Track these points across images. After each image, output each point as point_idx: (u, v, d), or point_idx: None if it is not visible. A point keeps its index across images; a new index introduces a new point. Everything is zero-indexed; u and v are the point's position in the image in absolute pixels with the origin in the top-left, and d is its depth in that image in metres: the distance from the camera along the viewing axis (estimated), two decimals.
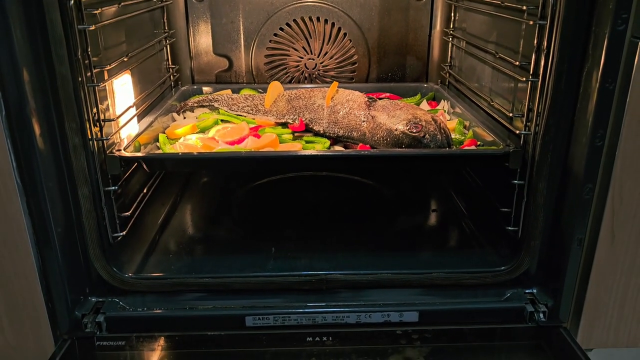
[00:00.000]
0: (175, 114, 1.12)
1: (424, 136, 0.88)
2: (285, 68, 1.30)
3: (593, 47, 0.71)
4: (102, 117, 0.80)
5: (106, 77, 0.83)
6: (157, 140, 0.96)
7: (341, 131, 0.98)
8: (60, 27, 0.69)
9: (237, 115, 1.09)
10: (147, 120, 1.00)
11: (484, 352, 0.79)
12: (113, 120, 0.85)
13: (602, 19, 0.69)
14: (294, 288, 0.85)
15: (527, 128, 0.82)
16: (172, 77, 1.23)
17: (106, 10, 0.85)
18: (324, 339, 0.78)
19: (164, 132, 1.00)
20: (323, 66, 1.30)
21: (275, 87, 1.12)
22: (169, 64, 1.24)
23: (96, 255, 0.80)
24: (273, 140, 0.92)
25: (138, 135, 0.91)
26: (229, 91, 1.23)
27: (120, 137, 0.89)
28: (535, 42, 0.78)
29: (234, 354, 0.79)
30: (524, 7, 0.82)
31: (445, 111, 1.14)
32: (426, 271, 0.86)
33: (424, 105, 1.19)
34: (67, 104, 0.72)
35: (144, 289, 0.84)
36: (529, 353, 0.80)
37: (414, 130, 0.88)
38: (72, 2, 0.71)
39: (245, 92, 1.22)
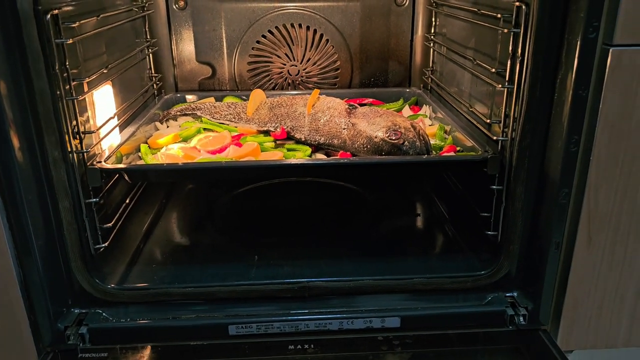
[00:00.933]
0: (158, 123, 1.12)
1: (403, 143, 0.89)
2: (269, 75, 1.31)
3: (566, 54, 0.72)
4: (82, 129, 0.80)
5: (86, 89, 0.83)
6: (139, 150, 0.96)
7: (322, 139, 0.99)
8: (37, 41, 0.69)
9: (220, 123, 1.09)
10: (129, 130, 1.00)
11: (465, 357, 0.80)
12: (93, 132, 0.85)
13: (574, 27, 0.70)
14: (277, 296, 0.85)
15: (504, 134, 0.84)
16: (155, 85, 1.23)
17: (85, 23, 0.85)
18: (306, 346, 0.78)
19: (146, 142, 1.00)
20: (306, 72, 1.30)
21: (257, 94, 1.12)
22: (151, 73, 1.24)
23: (78, 267, 0.80)
24: (254, 149, 0.92)
25: (119, 146, 0.91)
26: (212, 99, 1.24)
27: (101, 148, 0.89)
28: (510, 49, 0.80)
29: None
30: (499, 15, 0.83)
31: (427, 116, 1.15)
32: (408, 277, 0.87)
33: (406, 110, 1.20)
34: (45, 118, 0.72)
35: (127, 299, 0.85)
36: (509, 356, 0.81)
37: (393, 138, 0.89)
38: (49, 16, 0.71)
39: (229, 99, 1.22)
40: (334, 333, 0.82)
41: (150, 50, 1.22)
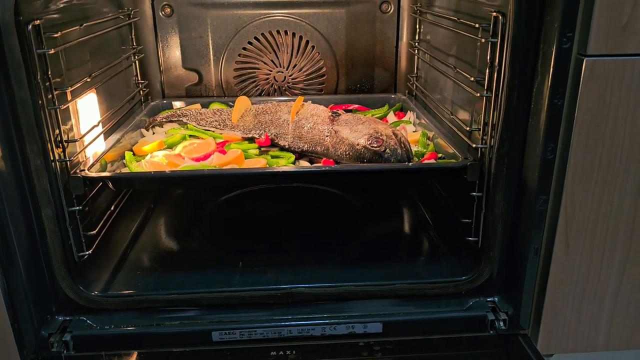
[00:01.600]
0: (144, 130, 1.13)
1: (384, 150, 0.90)
2: (255, 81, 1.32)
3: (542, 64, 0.73)
4: (65, 137, 0.81)
5: (69, 98, 0.84)
6: (123, 157, 0.97)
7: (306, 145, 1.00)
8: (18, 51, 0.70)
9: (205, 130, 1.10)
10: (114, 137, 1.00)
11: None
12: (77, 140, 0.86)
13: (549, 37, 0.71)
14: (260, 302, 0.86)
15: (483, 141, 0.85)
16: (141, 92, 1.24)
17: (68, 32, 0.85)
18: (288, 352, 0.79)
19: (131, 150, 1.00)
20: (292, 78, 1.31)
21: (242, 101, 1.13)
22: (138, 80, 1.24)
23: (62, 275, 0.81)
24: (238, 157, 0.93)
25: (104, 153, 0.92)
26: (198, 106, 1.24)
27: (85, 155, 0.90)
28: (488, 58, 0.81)
29: None
30: (477, 25, 0.84)
31: (410, 122, 1.16)
32: (389, 282, 0.87)
33: (391, 116, 1.21)
34: (27, 127, 0.72)
35: (111, 306, 0.85)
36: None
37: (375, 145, 0.90)
38: (31, 26, 0.72)
39: (215, 106, 1.23)
40: (317, 339, 0.83)
41: (136, 57, 1.23)
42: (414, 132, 1.11)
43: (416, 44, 1.26)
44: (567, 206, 0.78)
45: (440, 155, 0.96)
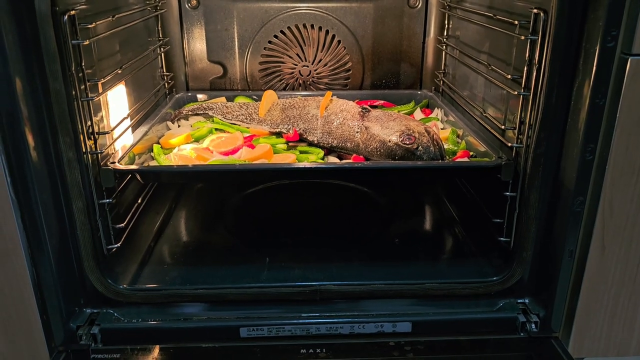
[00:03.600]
0: (169, 123, 1.12)
1: (417, 148, 0.89)
2: (280, 75, 1.31)
3: (584, 63, 0.71)
4: (96, 129, 0.80)
5: (100, 89, 0.83)
6: (151, 150, 0.96)
7: (335, 141, 0.99)
8: (54, 42, 0.69)
9: (232, 124, 1.09)
10: (141, 130, 1.00)
11: None
12: (107, 132, 0.85)
13: (592, 35, 0.69)
14: (288, 299, 0.85)
15: (519, 140, 0.83)
16: (166, 84, 1.23)
17: (100, 23, 0.85)
18: (318, 350, 0.78)
19: (158, 142, 1.00)
20: (317, 73, 1.30)
21: (269, 95, 1.12)
22: (163, 72, 1.24)
23: (90, 268, 0.81)
24: (267, 151, 0.92)
25: (132, 146, 0.91)
26: (223, 99, 1.24)
27: (114, 148, 0.89)
28: (527, 56, 0.79)
29: None
30: (516, 22, 0.82)
31: (438, 119, 1.15)
32: (419, 282, 0.86)
33: (418, 113, 1.20)
34: (60, 119, 0.72)
35: (139, 300, 0.85)
36: None
37: (407, 142, 0.89)
38: (66, 17, 0.71)
39: (240, 100, 1.22)
40: (345, 337, 0.82)
41: (162, 49, 1.22)
42: (442, 129, 1.09)
43: (444, 39, 1.24)
44: (605, 208, 0.77)
45: (471, 153, 0.95)
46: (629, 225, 0.78)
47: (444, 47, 1.24)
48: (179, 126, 1.13)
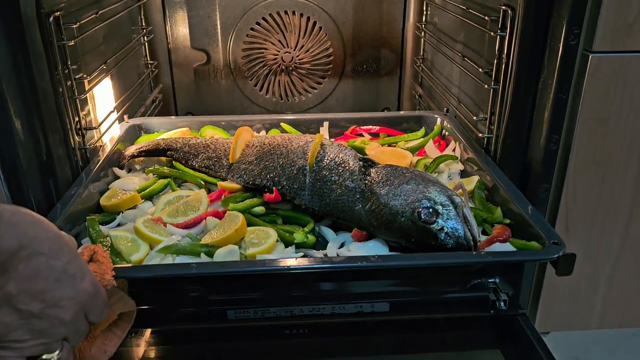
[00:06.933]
0: (116, 169, 0.91)
1: (440, 229, 0.66)
2: (263, 61, 1.33)
3: (548, 59, 0.75)
4: (83, 124, 0.83)
5: (87, 86, 0.86)
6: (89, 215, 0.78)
7: (328, 207, 0.76)
8: (40, 43, 0.72)
9: (195, 170, 0.89)
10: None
11: (449, 340, 0.86)
12: (95, 128, 0.88)
13: (556, 33, 0.73)
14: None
15: (490, 131, 0.87)
16: (150, 73, 1.25)
17: (85, 21, 0.86)
18: (301, 331, 0.83)
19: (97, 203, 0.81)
20: (299, 59, 1.33)
21: (242, 135, 0.90)
22: (147, 60, 1.26)
23: None
24: (239, 228, 0.71)
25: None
26: (187, 130, 1.02)
27: (102, 141, 0.92)
28: (496, 50, 0.83)
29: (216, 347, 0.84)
30: (487, 18, 0.86)
31: (457, 158, 0.92)
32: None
33: (430, 147, 0.97)
34: (49, 117, 0.75)
35: None
36: (491, 340, 0.87)
37: (427, 219, 0.66)
38: (52, 18, 0.73)
39: (208, 131, 1.02)
40: (326, 317, 0.87)
41: (145, 38, 1.23)
42: (461, 171, 0.91)
43: (422, 26, 1.26)
44: (569, 195, 0.82)
45: (507, 221, 0.75)
46: (591, 210, 0.83)
47: (422, 34, 1.27)
48: (129, 170, 0.93)
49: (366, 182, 0.74)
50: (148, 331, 0.86)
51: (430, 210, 0.66)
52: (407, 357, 0.86)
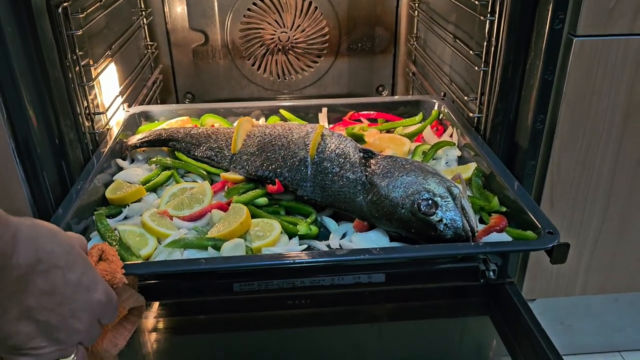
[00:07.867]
0: (120, 160, 0.91)
1: (439, 220, 0.68)
2: (260, 41, 1.36)
3: (535, 42, 0.79)
4: (92, 110, 0.87)
5: (94, 73, 0.89)
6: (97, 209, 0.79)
7: (330, 199, 0.78)
8: (50, 33, 0.75)
9: (197, 161, 0.90)
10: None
11: (441, 308, 0.92)
12: (103, 113, 0.92)
13: (543, 17, 0.77)
14: None
15: (479, 110, 0.92)
16: (151, 54, 1.28)
17: (90, 10, 0.89)
18: (302, 301, 0.89)
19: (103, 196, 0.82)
20: (295, 39, 1.36)
21: (243, 125, 0.90)
22: (147, 42, 1.28)
23: None
24: (243, 221, 0.73)
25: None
26: (187, 119, 1.02)
27: (110, 125, 0.96)
28: (486, 34, 0.87)
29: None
30: (477, 2, 0.89)
31: (454, 144, 0.95)
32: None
33: (428, 133, 0.98)
34: (61, 104, 0.78)
35: None
36: (480, 307, 0.93)
37: (426, 210, 0.69)
38: (60, 9, 0.76)
39: (209, 119, 1.02)
40: (326, 288, 0.93)
41: (145, 20, 1.26)
42: (458, 157, 0.93)
43: (416, 5, 1.29)
44: (553, 171, 0.87)
45: (503, 209, 0.77)
46: (574, 185, 0.88)
47: (416, 13, 1.29)
48: (132, 161, 0.94)
49: (367, 173, 0.75)
50: (156, 304, 0.91)
51: (430, 202, 0.68)
52: (402, 324, 0.92)
